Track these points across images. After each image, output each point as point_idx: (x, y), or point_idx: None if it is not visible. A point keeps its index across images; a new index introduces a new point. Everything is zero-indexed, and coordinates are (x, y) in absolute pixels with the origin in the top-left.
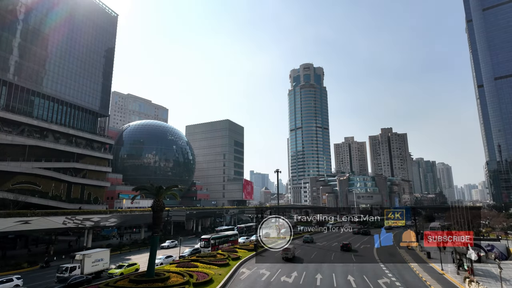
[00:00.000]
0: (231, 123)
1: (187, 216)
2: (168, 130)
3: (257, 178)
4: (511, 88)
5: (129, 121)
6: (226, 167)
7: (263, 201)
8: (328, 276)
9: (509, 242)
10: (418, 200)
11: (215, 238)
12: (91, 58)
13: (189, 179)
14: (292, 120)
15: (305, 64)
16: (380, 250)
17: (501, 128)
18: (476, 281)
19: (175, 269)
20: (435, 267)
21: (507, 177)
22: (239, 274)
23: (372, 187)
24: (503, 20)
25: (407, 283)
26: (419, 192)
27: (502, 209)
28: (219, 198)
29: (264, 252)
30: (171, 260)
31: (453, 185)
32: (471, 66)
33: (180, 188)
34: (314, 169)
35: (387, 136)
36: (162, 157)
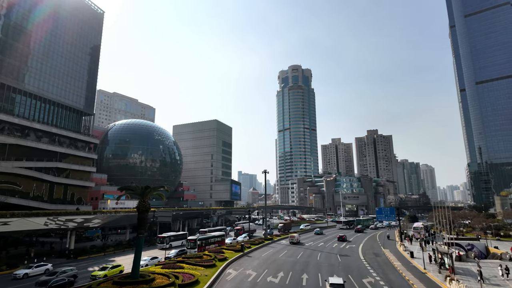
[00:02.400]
0: (219, 123)
1: (174, 217)
2: (155, 130)
3: (245, 178)
4: (492, 93)
5: (115, 120)
6: (214, 167)
7: (251, 201)
8: (314, 276)
9: (488, 241)
10: (403, 200)
11: (201, 239)
12: (76, 56)
13: (176, 180)
14: (280, 121)
15: (293, 66)
16: (365, 249)
17: (481, 131)
18: (456, 280)
19: (160, 270)
20: (418, 266)
21: (487, 179)
22: (226, 274)
23: (358, 188)
24: (485, 26)
25: (391, 282)
26: (404, 193)
27: (482, 210)
28: (207, 198)
29: (251, 253)
30: (156, 261)
31: (436, 186)
32: (454, 71)
33: (166, 188)
34: (302, 170)
35: (373, 138)
36: (148, 157)
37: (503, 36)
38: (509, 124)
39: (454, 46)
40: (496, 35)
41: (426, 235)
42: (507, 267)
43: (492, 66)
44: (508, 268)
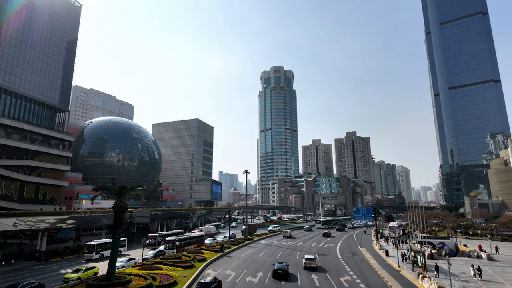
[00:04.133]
0: (200, 123)
1: (152, 217)
2: (133, 128)
3: (226, 178)
4: (463, 98)
5: (91, 117)
6: (194, 167)
7: (232, 201)
8: (292, 275)
9: (457, 240)
10: (379, 200)
11: (180, 239)
12: (51, 50)
13: (155, 179)
14: (262, 122)
15: (275, 67)
16: (342, 248)
17: (453, 134)
18: (428, 277)
19: (137, 272)
20: (392, 264)
21: (457, 180)
22: (205, 275)
23: (337, 188)
24: (458, 34)
25: (367, 280)
26: (380, 193)
27: (453, 210)
28: (186, 198)
29: (230, 253)
30: (133, 262)
31: (411, 187)
32: (429, 76)
33: (144, 188)
34: (283, 170)
35: (352, 139)
36: (126, 156)
37: (474, 44)
38: (478, 128)
39: (429, 52)
40: (468, 43)
41: (400, 234)
42: (479, 267)
43: (464, 72)
44: (480, 269)
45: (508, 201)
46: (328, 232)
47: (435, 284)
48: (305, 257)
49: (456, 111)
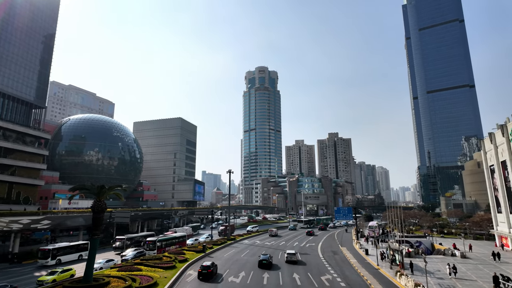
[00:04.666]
0: (184, 121)
1: (132, 218)
2: (114, 126)
3: (209, 178)
4: (440, 101)
5: (70, 114)
6: (177, 166)
7: (215, 201)
8: (275, 274)
9: (433, 238)
10: (359, 200)
11: (161, 240)
12: (27, 43)
13: (136, 179)
14: (246, 122)
15: (260, 67)
16: (324, 248)
17: (431, 137)
18: (405, 275)
19: (116, 273)
20: (372, 263)
21: (434, 181)
22: (186, 276)
23: (319, 188)
24: (436, 40)
25: (347, 278)
26: (361, 193)
27: (429, 210)
28: (168, 199)
29: (212, 254)
30: (112, 264)
31: (390, 187)
32: (408, 79)
33: (124, 188)
34: (266, 170)
35: (334, 140)
36: (106, 155)
37: (451, 50)
38: (453, 131)
39: (409, 56)
40: (445, 48)
41: (380, 234)
42: (454, 265)
43: (441, 77)
44: (455, 267)
45: (480, 201)
46: (312, 231)
47: (412, 282)
48: (287, 252)
49: (433, 114)
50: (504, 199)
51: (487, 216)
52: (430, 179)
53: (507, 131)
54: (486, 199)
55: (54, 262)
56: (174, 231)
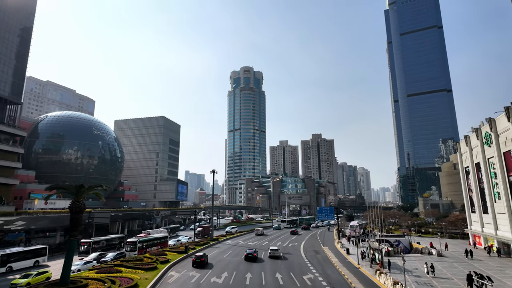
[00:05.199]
0: (167, 120)
1: (112, 218)
2: (94, 124)
3: (193, 178)
4: (420, 105)
5: (47, 111)
6: (159, 166)
7: (198, 202)
8: (257, 275)
9: (412, 237)
10: (341, 201)
11: (142, 241)
12: (1, 36)
13: (116, 178)
14: (231, 122)
15: (245, 67)
16: (306, 247)
17: (410, 139)
18: (385, 273)
19: (94, 275)
20: (352, 262)
21: (413, 182)
22: (168, 277)
23: (302, 189)
24: (416, 45)
25: (329, 277)
26: (342, 193)
27: (408, 210)
28: (150, 199)
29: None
30: (90, 265)
31: (371, 188)
32: (390, 83)
33: (105, 187)
34: (250, 171)
35: (317, 141)
36: (85, 154)
37: (430, 54)
38: (431, 134)
39: (390, 60)
40: (424, 53)
41: (361, 233)
42: (432, 264)
43: (421, 81)
44: (433, 266)
45: (456, 201)
46: (296, 230)
47: (390, 280)
48: (270, 248)
49: (413, 117)
50: (477, 199)
51: (462, 216)
52: (409, 180)
53: (481, 134)
54: (461, 200)
55: (4, 269)
56: (147, 233)
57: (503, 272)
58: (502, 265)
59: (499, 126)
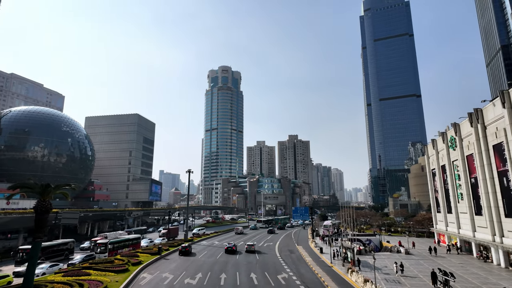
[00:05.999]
0: (141, 118)
1: (81, 219)
2: (63, 120)
3: (167, 178)
4: (391, 109)
5: (12, 106)
6: (132, 165)
7: (172, 202)
8: (232, 275)
9: (382, 236)
10: (316, 201)
11: (113, 242)
12: None
13: (86, 177)
14: (208, 121)
15: (223, 67)
16: (281, 247)
17: (381, 141)
18: (356, 271)
19: (61, 278)
20: (326, 261)
21: (383, 183)
22: (140, 279)
23: (278, 189)
24: (389, 51)
25: (302, 276)
26: (317, 193)
27: (379, 209)
28: (122, 199)
29: (169, 255)
30: (57, 268)
31: (344, 188)
32: (363, 87)
33: (73, 187)
34: (227, 171)
35: (293, 142)
36: (52, 151)
37: (400, 61)
38: (401, 137)
39: (364, 65)
40: (396, 59)
41: (334, 232)
42: (402, 264)
43: (392, 86)
44: (402, 265)
45: (423, 202)
46: (273, 229)
47: (361, 278)
48: (246, 243)
49: (384, 120)
50: (442, 200)
51: (428, 216)
52: (380, 181)
53: (447, 138)
54: (428, 200)
55: None
56: (104, 236)
57: (464, 268)
58: (463, 262)
59: (463, 131)
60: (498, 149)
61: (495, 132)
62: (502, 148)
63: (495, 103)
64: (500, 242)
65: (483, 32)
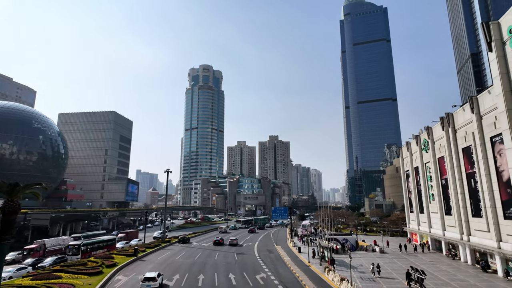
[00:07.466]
0: (118, 116)
1: (52, 220)
2: (34, 117)
3: (145, 178)
4: (368, 112)
5: None
6: (108, 164)
7: (150, 202)
8: (210, 276)
9: (358, 236)
10: (295, 201)
11: (86, 244)
12: None
13: (59, 176)
14: (188, 120)
15: (204, 65)
16: (260, 247)
17: (359, 143)
18: (333, 270)
19: (29, 282)
20: (303, 260)
21: (360, 183)
22: (114, 282)
23: (258, 189)
24: (367, 55)
25: (281, 276)
26: (296, 193)
27: (355, 209)
28: (97, 199)
29: (145, 257)
30: (24, 272)
31: (322, 188)
32: (342, 89)
33: (44, 186)
34: (207, 171)
35: (274, 143)
36: (22, 148)
37: (378, 65)
38: (377, 139)
39: (343, 68)
40: (374, 64)
41: (312, 232)
42: (378, 265)
43: (370, 89)
44: (379, 266)
45: (397, 202)
46: (253, 229)
47: (338, 276)
48: (229, 238)
49: (361, 123)
50: (415, 200)
51: (402, 216)
52: (357, 182)
53: (420, 141)
54: (402, 201)
55: None
56: (42, 244)
57: (435, 266)
58: (434, 259)
59: (435, 134)
60: (467, 152)
61: (464, 136)
62: (470, 151)
63: (464, 108)
64: (467, 241)
65: (455, 40)
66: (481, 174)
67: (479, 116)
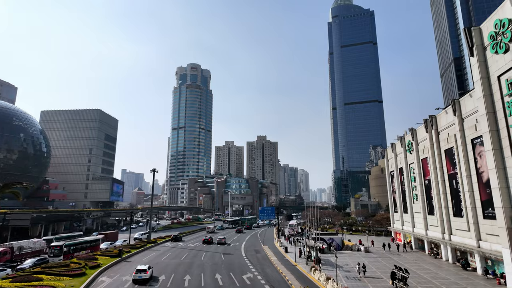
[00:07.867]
0: (103, 114)
1: (33, 220)
2: (15, 114)
3: (130, 177)
4: (354, 113)
5: None
6: (92, 163)
7: (135, 202)
8: (196, 276)
9: (344, 235)
10: (282, 201)
11: (69, 244)
12: None
13: (41, 176)
14: (176, 119)
15: (193, 64)
16: (247, 247)
17: (345, 144)
18: (319, 269)
19: (9, 285)
20: (290, 260)
21: (346, 183)
22: (98, 283)
23: (246, 189)
24: (354, 57)
25: (267, 276)
26: (284, 193)
27: (341, 209)
28: (80, 199)
29: (130, 258)
30: (4, 274)
31: (309, 189)
32: (329, 91)
33: (25, 185)
34: (194, 170)
35: (262, 143)
36: (2, 146)
37: (364, 68)
38: (363, 140)
39: (331, 70)
40: (360, 66)
41: (299, 232)
42: (364, 265)
43: (356, 91)
44: (365, 266)
45: (382, 202)
46: (241, 229)
47: (324, 276)
48: (218, 237)
49: (348, 124)
50: (399, 200)
51: (386, 215)
52: (343, 182)
53: (405, 142)
54: (387, 201)
55: None
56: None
57: (417, 265)
58: (416, 258)
59: (419, 135)
60: (449, 153)
61: (447, 137)
62: (452, 153)
63: (447, 111)
64: (448, 240)
65: (438, 45)
66: (462, 175)
67: (461, 119)
